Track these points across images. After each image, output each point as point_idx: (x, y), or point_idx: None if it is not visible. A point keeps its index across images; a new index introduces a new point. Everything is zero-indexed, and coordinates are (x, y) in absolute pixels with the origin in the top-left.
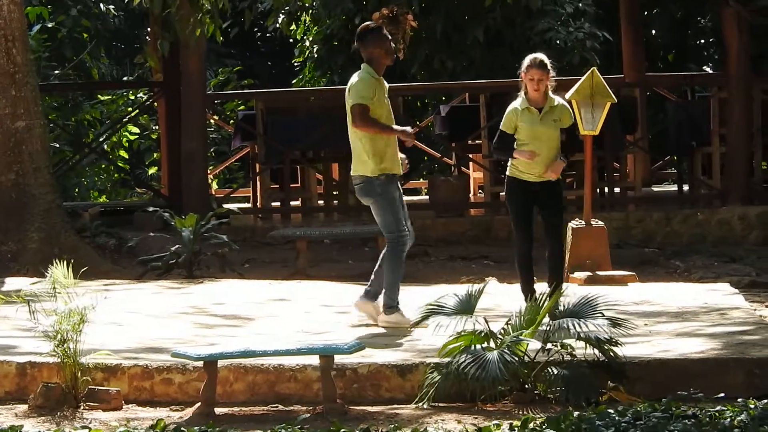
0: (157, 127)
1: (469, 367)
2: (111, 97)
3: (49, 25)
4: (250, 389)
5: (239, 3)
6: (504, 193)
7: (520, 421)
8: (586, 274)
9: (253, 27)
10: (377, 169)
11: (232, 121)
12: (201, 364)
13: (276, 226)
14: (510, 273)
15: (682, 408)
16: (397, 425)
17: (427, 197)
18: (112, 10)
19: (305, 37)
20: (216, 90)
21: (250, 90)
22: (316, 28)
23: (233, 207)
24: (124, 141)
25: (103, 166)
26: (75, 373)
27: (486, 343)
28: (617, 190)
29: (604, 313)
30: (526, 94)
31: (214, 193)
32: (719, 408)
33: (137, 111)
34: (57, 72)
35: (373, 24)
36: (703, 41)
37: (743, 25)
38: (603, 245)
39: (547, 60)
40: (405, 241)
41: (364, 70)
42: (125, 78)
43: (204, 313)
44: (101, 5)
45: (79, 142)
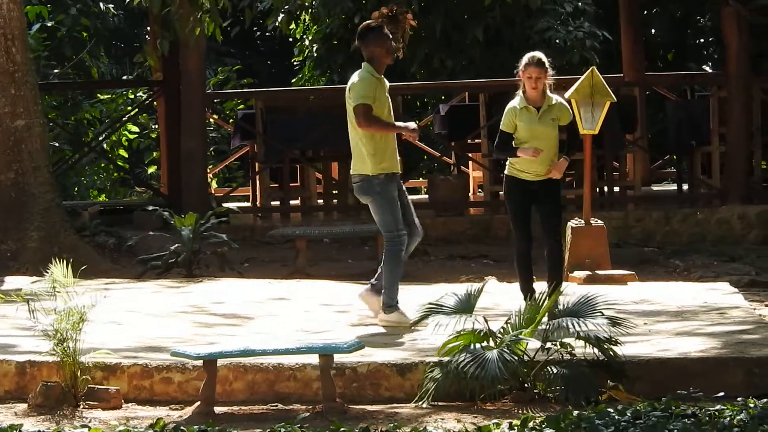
0: (156, 126)
1: (469, 366)
2: (110, 96)
3: (49, 24)
4: (249, 388)
5: (239, 2)
6: (503, 193)
7: (519, 420)
8: (585, 273)
9: (253, 26)
10: (377, 168)
11: (231, 120)
12: (200, 363)
13: (275, 225)
14: (509, 272)
15: (682, 407)
16: (396, 424)
17: (427, 196)
18: (112, 9)
19: (305, 36)
20: (215, 89)
21: (249, 89)
22: (316, 27)
23: (233, 206)
24: (123, 140)
25: (103, 165)
26: (74, 372)
27: (485, 342)
28: (617, 189)
29: (604, 312)
30: (524, 92)
31: (213, 192)
32: (719, 407)
33: (137, 110)
34: (56, 71)
35: (374, 23)
36: (702, 40)
37: (743, 25)
38: (602, 244)
39: (545, 58)
40: (403, 240)
41: (365, 69)
42: (125, 77)
43: (203, 312)
44: (101, 4)
45: (78, 141)
